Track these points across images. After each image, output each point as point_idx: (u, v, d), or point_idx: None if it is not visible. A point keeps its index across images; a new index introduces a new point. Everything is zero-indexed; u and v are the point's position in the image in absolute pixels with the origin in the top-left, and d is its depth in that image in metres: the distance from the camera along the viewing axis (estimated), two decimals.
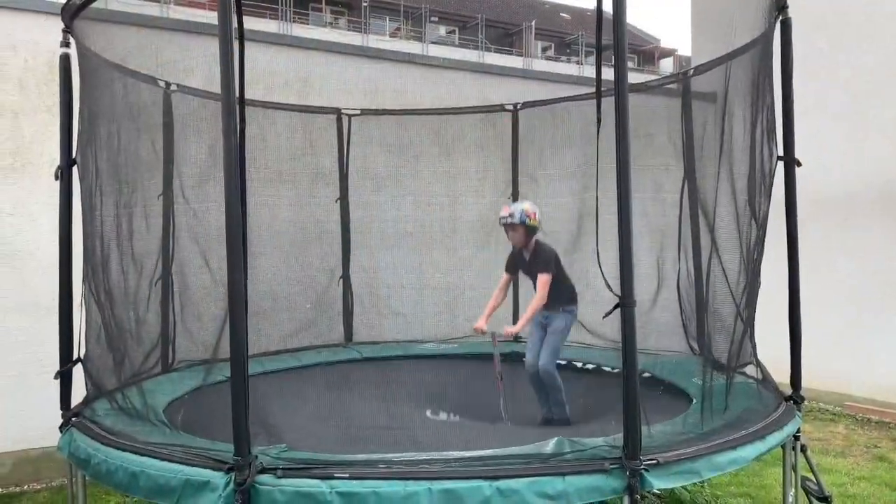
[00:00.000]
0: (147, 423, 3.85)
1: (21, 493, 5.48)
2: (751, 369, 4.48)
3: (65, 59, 4.20)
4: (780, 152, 4.14)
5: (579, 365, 6.02)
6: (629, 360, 2.96)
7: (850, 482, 5.39)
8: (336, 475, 2.93)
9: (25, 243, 5.72)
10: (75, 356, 4.19)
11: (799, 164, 4.10)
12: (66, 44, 4.20)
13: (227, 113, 2.91)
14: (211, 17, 3.00)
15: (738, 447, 3.37)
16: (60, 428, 3.99)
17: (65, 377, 4.14)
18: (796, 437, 4.09)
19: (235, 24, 3.00)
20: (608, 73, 3.20)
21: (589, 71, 33.20)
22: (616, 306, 3.00)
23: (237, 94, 3.00)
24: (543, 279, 5.15)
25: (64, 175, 4.16)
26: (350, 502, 2.87)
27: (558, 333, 5.28)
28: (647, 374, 5.30)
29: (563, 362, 5.58)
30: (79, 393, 4.27)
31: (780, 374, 4.42)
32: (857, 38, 7.58)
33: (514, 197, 6.96)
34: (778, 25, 4.14)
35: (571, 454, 3.11)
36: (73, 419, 3.95)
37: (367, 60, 7.29)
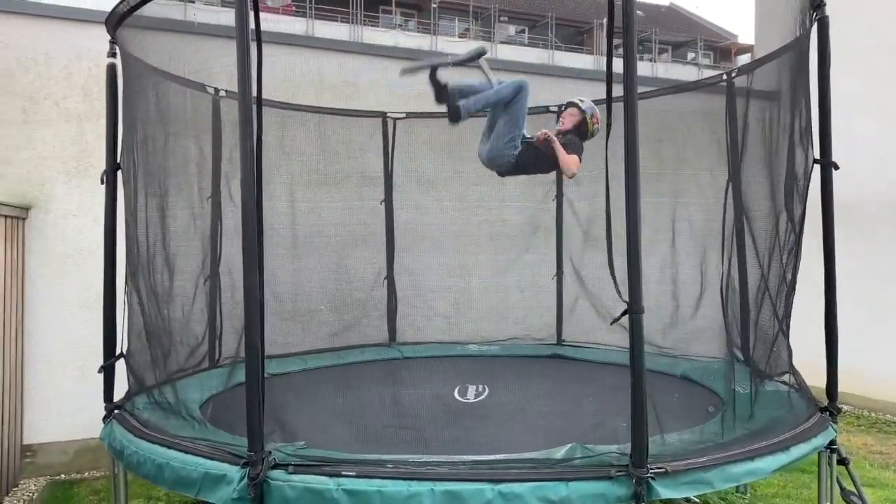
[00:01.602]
0: (180, 418, 4.01)
1: (81, 479, 5.79)
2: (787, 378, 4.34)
3: (111, 69, 4.40)
4: (817, 155, 4.00)
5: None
6: (636, 367, 2.93)
7: None
8: (343, 473, 3.00)
9: (89, 243, 6.02)
10: (118, 352, 4.39)
11: (836, 167, 3.94)
12: (112, 54, 4.40)
13: (244, 118, 3.02)
14: (273, 22, 3.11)
15: (757, 458, 3.25)
16: (103, 420, 4.20)
17: (107, 371, 4.34)
18: (833, 450, 3.95)
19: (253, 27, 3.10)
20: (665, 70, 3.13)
21: (661, 69, 32.47)
22: (624, 313, 2.98)
23: (255, 96, 3.10)
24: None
25: (109, 179, 4.38)
26: (356, 500, 2.93)
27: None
28: (685, 379, 5.22)
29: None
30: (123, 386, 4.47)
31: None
32: None
33: (559, 199, 6.92)
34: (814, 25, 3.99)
35: (580, 460, 3.09)
36: (115, 412, 4.16)
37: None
